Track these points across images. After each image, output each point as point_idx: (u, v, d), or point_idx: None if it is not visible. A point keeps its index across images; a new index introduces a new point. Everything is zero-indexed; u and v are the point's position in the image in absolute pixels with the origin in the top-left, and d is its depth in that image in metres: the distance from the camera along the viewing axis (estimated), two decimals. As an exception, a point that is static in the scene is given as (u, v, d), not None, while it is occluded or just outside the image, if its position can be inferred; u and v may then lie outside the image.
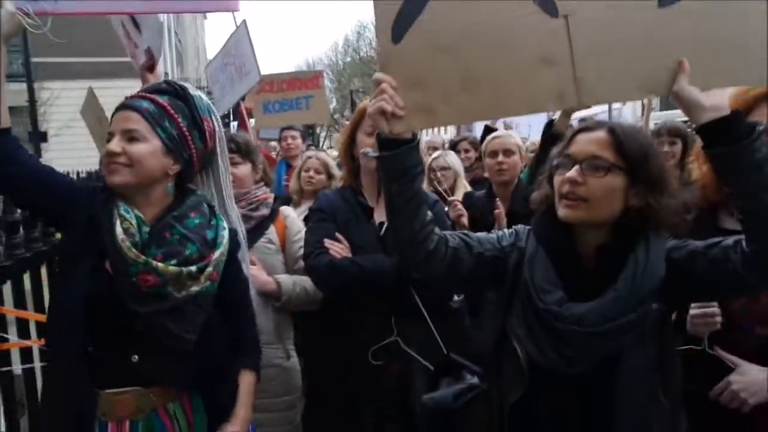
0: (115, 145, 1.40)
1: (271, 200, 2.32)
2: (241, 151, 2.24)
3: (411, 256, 1.36)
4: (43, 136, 14.80)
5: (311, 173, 3.28)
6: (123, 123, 1.42)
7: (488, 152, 2.88)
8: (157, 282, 1.38)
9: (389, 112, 1.24)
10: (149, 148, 1.41)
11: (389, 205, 1.33)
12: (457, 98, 1.28)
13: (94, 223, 1.42)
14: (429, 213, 1.34)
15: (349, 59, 34.45)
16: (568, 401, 1.33)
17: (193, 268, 1.42)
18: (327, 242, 1.94)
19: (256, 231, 2.20)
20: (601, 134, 1.30)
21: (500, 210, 2.58)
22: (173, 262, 1.40)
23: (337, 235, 1.98)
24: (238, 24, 3.58)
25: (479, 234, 1.48)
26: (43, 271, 1.89)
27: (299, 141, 4.71)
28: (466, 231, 1.49)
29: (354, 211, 2.03)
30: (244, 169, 2.25)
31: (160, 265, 1.38)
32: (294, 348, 2.29)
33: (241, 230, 1.66)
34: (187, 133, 1.47)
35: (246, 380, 1.61)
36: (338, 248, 1.94)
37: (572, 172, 1.28)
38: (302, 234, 2.19)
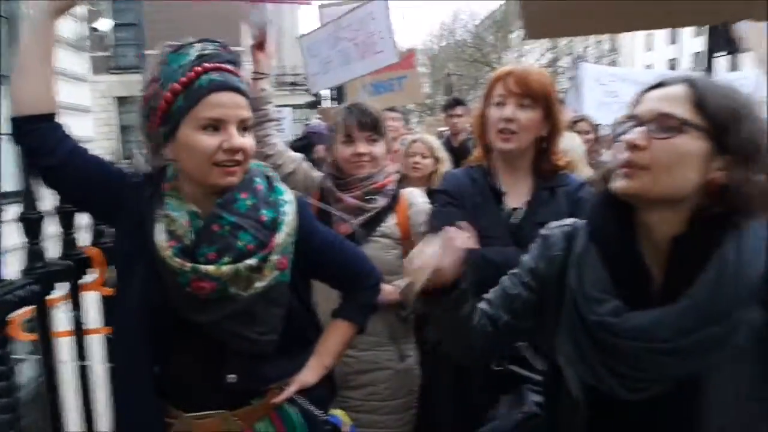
0: (239, 140, 1.20)
1: (391, 185, 2.00)
2: (378, 127, 1.96)
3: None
4: (152, 124, 15.78)
5: (417, 158, 3.01)
6: (239, 110, 1.21)
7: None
8: (215, 286, 1.18)
9: None
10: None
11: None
12: None
13: (142, 225, 1.23)
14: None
15: (444, 43, 33.81)
16: None
17: (253, 261, 1.20)
18: (451, 231, 1.63)
19: (369, 225, 1.91)
20: (677, 88, 1.03)
21: None
22: (226, 259, 1.19)
23: (463, 223, 1.66)
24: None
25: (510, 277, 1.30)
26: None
27: (399, 123, 4.41)
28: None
29: (483, 194, 1.74)
30: (381, 147, 1.98)
31: (210, 268, 1.17)
32: (413, 347, 2.05)
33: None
34: None
35: (332, 328, 1.43)
36: (463, 238, 1.61)
37: (632, 134, 1.02)
38: None
